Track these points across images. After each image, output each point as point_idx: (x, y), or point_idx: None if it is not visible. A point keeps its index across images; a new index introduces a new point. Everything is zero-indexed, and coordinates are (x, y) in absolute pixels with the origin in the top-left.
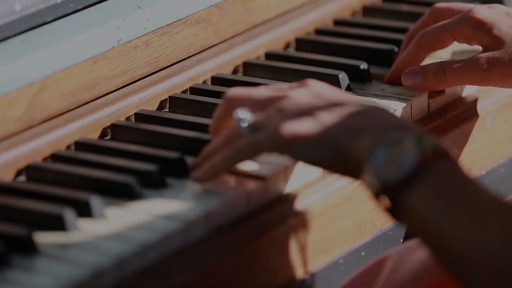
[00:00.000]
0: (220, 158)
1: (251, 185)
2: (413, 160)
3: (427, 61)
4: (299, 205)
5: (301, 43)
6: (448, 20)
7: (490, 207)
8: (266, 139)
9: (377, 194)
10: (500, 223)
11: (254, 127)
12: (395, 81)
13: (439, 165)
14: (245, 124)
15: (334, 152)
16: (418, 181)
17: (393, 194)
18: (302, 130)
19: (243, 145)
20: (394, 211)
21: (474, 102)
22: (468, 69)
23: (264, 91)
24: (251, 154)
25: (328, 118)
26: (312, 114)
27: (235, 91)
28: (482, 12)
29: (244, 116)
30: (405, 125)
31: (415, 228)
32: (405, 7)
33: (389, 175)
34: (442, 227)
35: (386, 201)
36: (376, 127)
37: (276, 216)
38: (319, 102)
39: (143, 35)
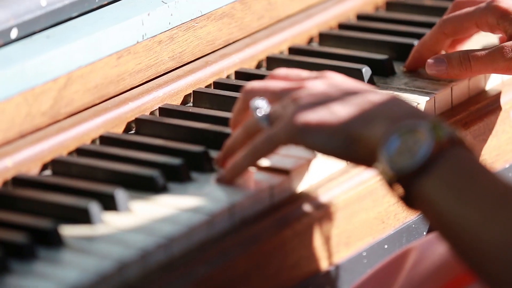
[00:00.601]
0: (240, 157)
1: (275, 178)
2: (427, 148)
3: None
4: (323, 198)
5: (325, 38)
6: (472, 8)
7: (505, 197)
8: (281, 130)
9: (390, 182)
10: (507, 212)
11: (270, 117)
12: (414, 65)
13: (453, 153)
14: (261, 114)
15: (347, 141)
16: (432, 169)
17: (407, 183)
18: (315, 119)
19: (261, 140)
20: (407, 199)
21: (498, 96)
22: (492, 57)
23: (281, 82)
24: (270, 148)
25: (341, 107)
26: (326, 104)
27: (252, 84)
28: (507, 1)
29: (261, 106)
30: (419, 114)
31: (428, 216)
32: (428, 2)
33: (403, 163)
34: (455, 216)
35: (400, 189)
36: (390, 115)
37: (300, 209)
38: (334, 92)
39: (168, 30)
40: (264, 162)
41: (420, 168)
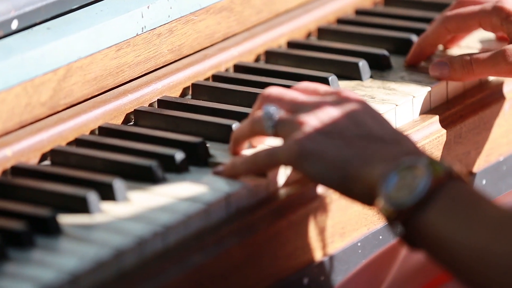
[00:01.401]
0: (240, 161)
1: (272, 169)
2: (426, 183)
3: (456, 52)
4: (318, 189)
5: (323, 32)
6: (477, 7)
7: (506, 221)
8: (282, 151)
9: (391, 220)
10: (510, 234)
11: (276, 126)
12: (416, 59)
13: (451, 186)
14: (269, 120)
15: (344, 176)
16: (432, 203)
17: (407, 219)
18: (317, 149)
19: (263, 155)
20: (409, 237)
21: (493, 89)
22: (495, 61)
23: (297, 94)
24: (269, 164)
25: (344, 140)
26: (332, 134)
27: (270, 90)
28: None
29: (272, 112)
30: (417, 151)
31: (431, 251)
32: None
33: (402, 199)
34: (458, 244)
35: (401, 227)
36: (388, 155)
37: (295, 199)
38: (342, 120)
39: (167, 23)
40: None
41: (420, 202)
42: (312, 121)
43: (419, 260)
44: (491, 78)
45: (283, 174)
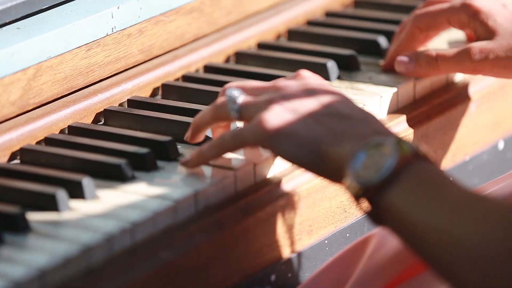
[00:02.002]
0: (207, 147)
1: (239, 166)
2: (392, 162)
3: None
4: (286, 187)
5: (293, 34)
6: (446, 4)
7: (469, 201)
8: (250, 131)
9: (357, 197)
10: (479, 216)
11: (240, 110)
12: (393, 64)
13: (417, 166)
14: (233, 104)
15: (314, 154)
16: (398, 181)
17: (374, 196)
18: (286, 128)
19: (229, 136)
20: (374, 214)
21: (459, 90)
22: (460, 58)
23: (258, 82)
24: (236, 145)
25: (312, 118)
26: (298, 111)
27: (231, 82)
28: (480, 1)
29: (235, 95)
30: (385, 131)
31: (396, 228)
32: (395, 0)
33: (369, 177)
34: (422, 223)
35: (366, 204)
36: (358, 133)
37: (263, 197)
38: (307, 98)
39: (137, 24)
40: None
41: (386, 180)
42: (278, 99)
43: (385, 256)
44: (458, 79)
45: (252, 173)
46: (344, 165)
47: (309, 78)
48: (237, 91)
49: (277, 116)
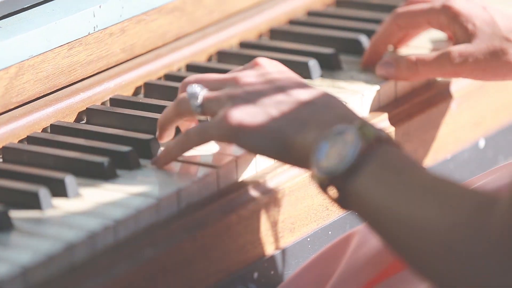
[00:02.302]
0: (173, 144)
1: (222, 164)
2: (355, 149)
3: (405, 51)
4: (268, 184)
5: (275, 33)
6: (427, 4)
7: (435, 185)
8: (214, 127)
9: (323, 186)
10: (446, 200)
11: (203, 107)
12: (371, 60)
13: (382, 151)
14: (195, 101)
15: (280, 144)
16: (363, 168)
17: (339, 184)
18: (249, 120)
19: (193, 132)
20: (341, 201)
21: (440, 88)
22: (440, 63)
23: (217, 75)
24: (201, 141)
25: (275, 108)
26: (261, 103)
27: (189, 76)
28: (460, 3)
29: (196, 91)
30: (349, 116)
31: (363, 214)
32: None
33: (333, 167)
34: (389, 209)
35: (333, 192)
36: (321, 120)
37: (246, 195)
38: (269, 89)
39: (119, 23)
40: (213, 148)
41: (351, 168)
42: (240, 93)
43: (366, 254)
44: (439, 78)
45: (234, 170)
46: (309, 154)
47: (267, 66)
48: (197, 87)
49: (239, 110)
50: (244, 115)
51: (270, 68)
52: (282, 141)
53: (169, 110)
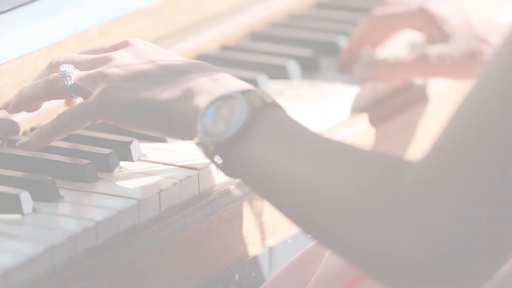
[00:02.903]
0: (47, 127)
1: (202, 166)
2: (240, 114)
3: (383, 52)
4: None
5: (255, 36)
6: (403, 6)
7: (325, 149)
8: (91, 106)
9: (209, 154)
10: (343, 163)
11: (76, 89)
12: (348, 61)
13: (269, 114)
14: (68, 83)
15: (162, 116)
16: (251, 132)
17: (226, 150)
18: (124, 95)
19: (69, 114)
20: (228, 167)
21: (419, 90)
22: (417, 64)
23: (87, 55)
24: (79, 122)
25: (152, 82)
26: (136, 79)
27: (58, 57)
28: (436, 5)
29: (68, 71)
30: (231, 83)
31: (252, 180)
32: (354, 3)
33: (219, 132)
34: (279, 173)
35: (219, 159)
36: (204, 87)
37: (227, 196)
38: (144, 64)
39: (98, 26)
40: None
41: (238, 133)
42: (114, 70)
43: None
44: (418, 79)
45: (215, 172)
46: (194, 121)
47: (139, 44)
48: (69, 67)
49: (115, 86)
50: (120, 91)
51: (143, 46)
52: (163, 111)
53: (37, 88)
